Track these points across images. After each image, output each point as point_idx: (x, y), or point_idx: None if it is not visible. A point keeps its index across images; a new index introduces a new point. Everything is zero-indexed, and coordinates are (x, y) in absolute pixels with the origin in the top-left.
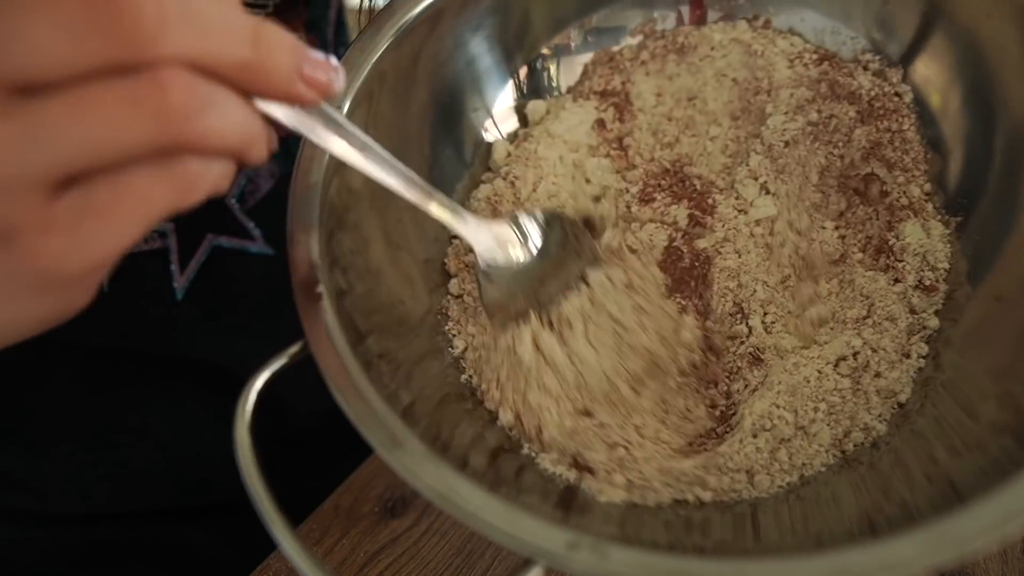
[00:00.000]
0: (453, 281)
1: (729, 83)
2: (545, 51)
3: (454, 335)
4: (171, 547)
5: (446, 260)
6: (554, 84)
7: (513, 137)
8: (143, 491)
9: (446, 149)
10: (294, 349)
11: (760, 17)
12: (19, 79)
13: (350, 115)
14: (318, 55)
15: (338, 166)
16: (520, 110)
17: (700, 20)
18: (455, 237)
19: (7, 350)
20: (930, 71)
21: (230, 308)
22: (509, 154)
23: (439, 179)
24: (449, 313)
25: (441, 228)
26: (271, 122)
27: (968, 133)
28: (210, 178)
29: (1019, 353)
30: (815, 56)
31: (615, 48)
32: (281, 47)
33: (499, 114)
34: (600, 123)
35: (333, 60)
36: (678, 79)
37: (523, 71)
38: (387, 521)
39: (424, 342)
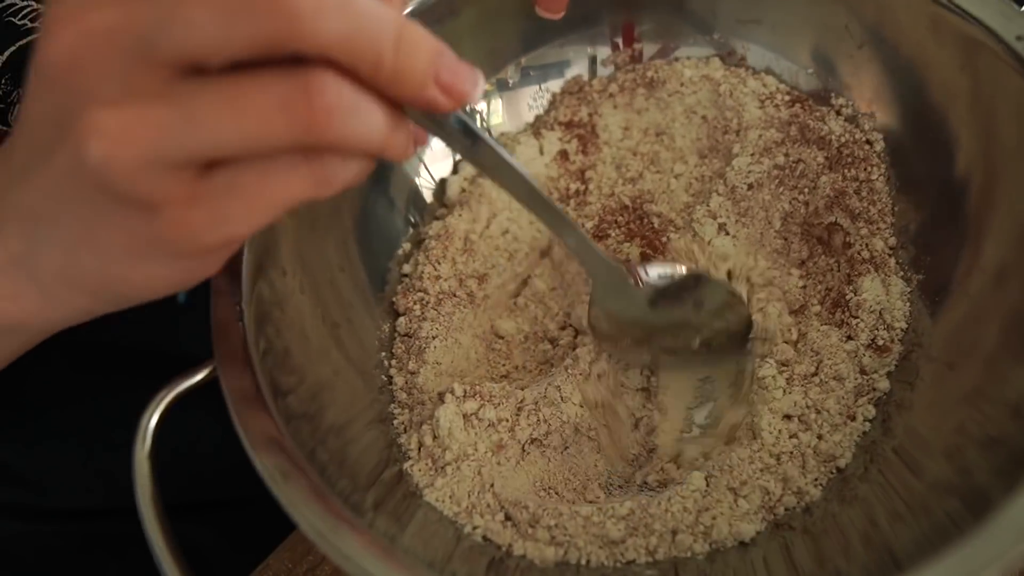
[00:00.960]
0: (401, 320)
1: (698, 120)
2: (487, 87)
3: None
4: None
5: (394, 299)
6: (492, 121)
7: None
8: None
9: (380, 199)
10: (204, 372)
11: (735, 54)
12: (179, 60)
13: None
14: (457, 62)
15: None
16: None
17: (636, 56)
18: (405, 275)
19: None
20: (894, 119)
21: None
22: (464, 190)
23: (382, 222)
24: (394, 351)
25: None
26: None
27: (932, 190)
28: (348, 174)
29: (971, 414)
30: (787, 97)
31: (585, 79)
32: (420, 50)
33: (436, 168)
34: (563, 154)
35: (472, 69)
36: (647, 113)
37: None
38: None
39: (345, 368)
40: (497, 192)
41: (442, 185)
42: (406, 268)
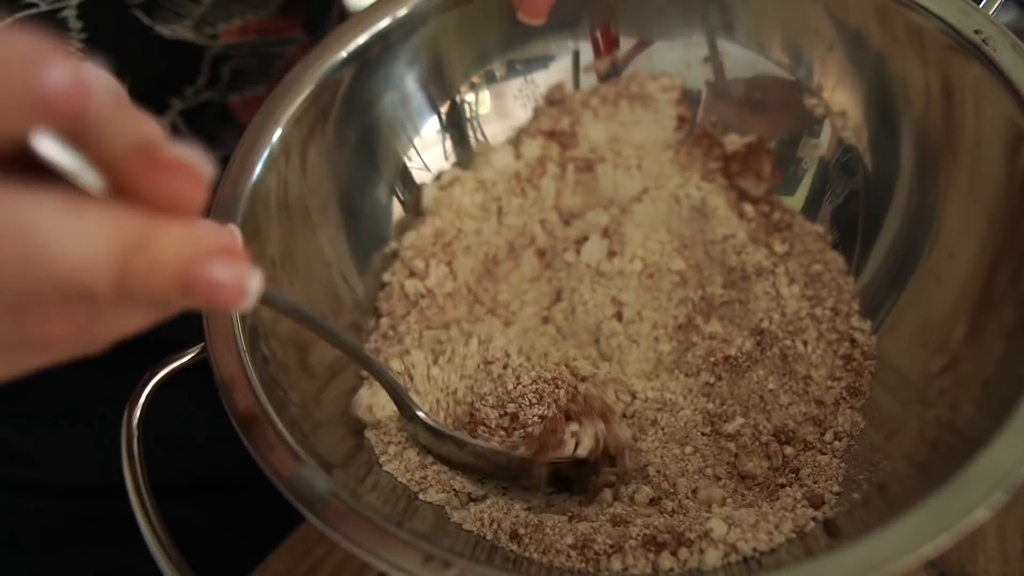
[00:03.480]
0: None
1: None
2: (475, 79)
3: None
4: (167, 524)
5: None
6: (480, 114)
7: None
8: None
9: (375, 192)
10: (193, 351)
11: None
12: None
13: (274, 160)
14: (215, 270)
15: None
16: (451, 144)
17: (611, 46)
18: (386, 283)
19: None
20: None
21: None
22: (437, 200)
23: (370, 223)
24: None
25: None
26: None
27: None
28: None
29: None
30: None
31: (568, 89)
32: (153, 275)
33: (428, 155)
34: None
35: (232, 280)
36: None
37: (446, 107)
38: None
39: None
40: (463, 201)
41: (419, 194)
42: (385, 276)
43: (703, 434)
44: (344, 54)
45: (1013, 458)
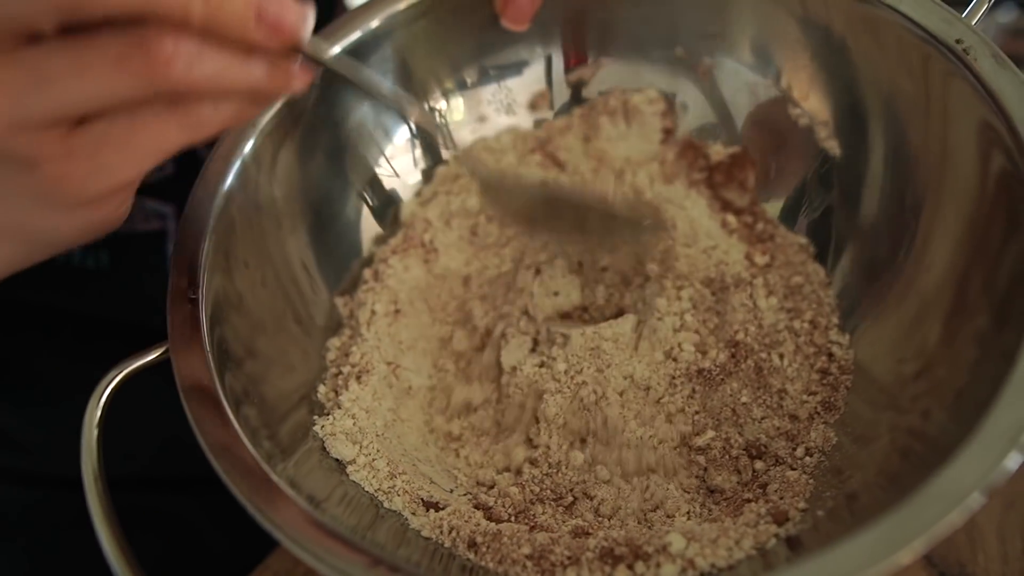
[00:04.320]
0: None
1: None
2: (448, 85)
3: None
4: (162, 516)
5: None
6: (452, 120)
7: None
8: (131, 458)
9: (346, 200)
10: (157, 352)
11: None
12: (18, 27)
13: (247, 166)
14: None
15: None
16: (421, 152)
17: (583, 57)
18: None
19: (10, 317)
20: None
21: None
22: (414, 213)
23: (342, 231)
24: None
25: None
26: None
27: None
28: (220, 116)
29: None
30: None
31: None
32: None
33: (398, 163)
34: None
35: (298, 5)
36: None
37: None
38: None
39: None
40: (434, 219)
41: (396, 209)
42: (357, 295)
43: (673, 448)
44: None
45: (979, 471)
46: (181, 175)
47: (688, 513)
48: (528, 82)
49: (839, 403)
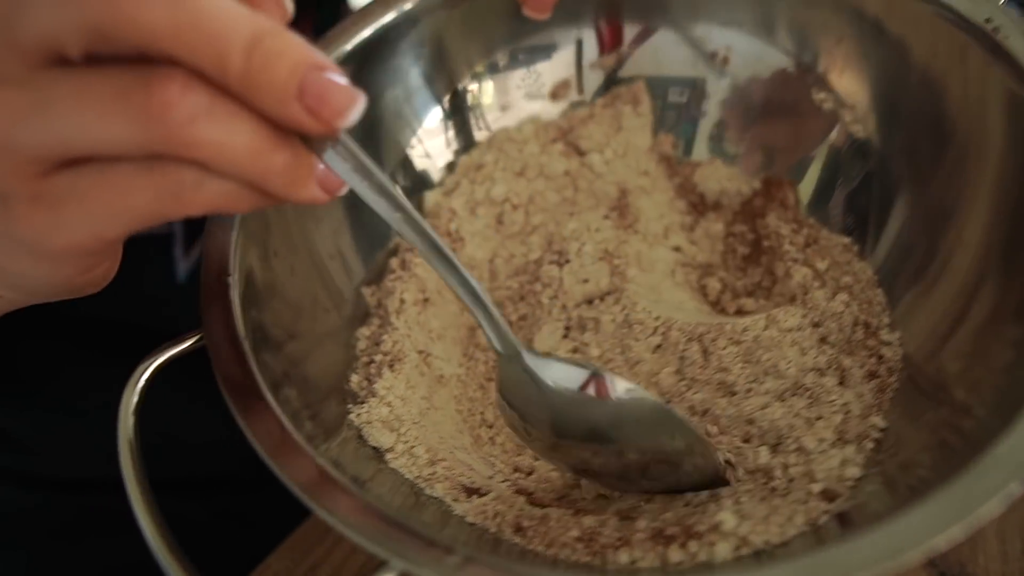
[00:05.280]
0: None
1: None
2: (478, 69)
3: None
4: (163, 517)
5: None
6: (483, 104)
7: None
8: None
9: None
10: (190, 341)
11: (717, 55)
12: (43, 45)
13: None
14: (330, 80)
15: None
16: (453, 133)
17: (615, 41)
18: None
19: (10, 320)
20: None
21: None
22: (438, 203)
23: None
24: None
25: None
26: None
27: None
28: (206, 193)
29: None
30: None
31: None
32: (283, 57)
33: (431, 144)
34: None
35: (350, 90)
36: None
37: (448, 97)
38: None
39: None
40: (459, 209)
41: (420, 199)
42: (385, 284)
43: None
44: (348, 48)
45: None
46: None
47: (732, 494)
48: (557, 67)
49: (885, 404)
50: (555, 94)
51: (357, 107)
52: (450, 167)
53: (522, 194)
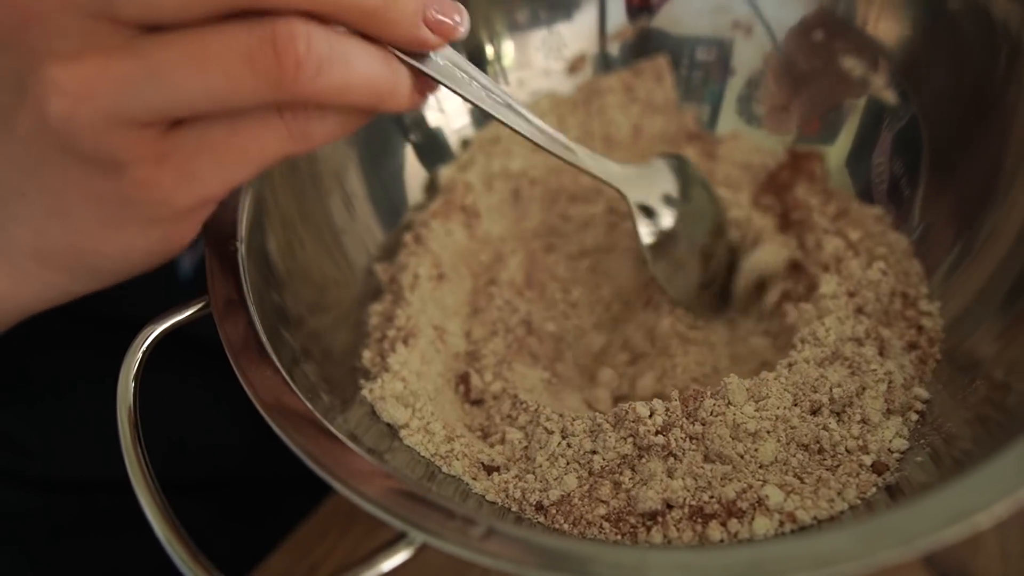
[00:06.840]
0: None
1: None
2: (498, 27)
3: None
4: None
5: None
6: (503, 65)
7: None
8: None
9: (394, 152)
10: (195, 307)
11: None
12: (138, 20)
13: None
14: None
15: None
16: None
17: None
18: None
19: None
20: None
21: None
22: (453, 178)
23: (389, 185)
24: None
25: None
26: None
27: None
28: (329, 125)
29: None
30: None
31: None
32: None
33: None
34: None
35: (455, 3)
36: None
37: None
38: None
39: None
40: (474, 183)
41: (435, 175)
42: (398, 259)
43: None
44: None
45: None
46: None
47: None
48: (578, 28)
49: (928, 375)
50: (574, 67)
51: (467, 16)
52: (465, 144)
53: (539, 167)
